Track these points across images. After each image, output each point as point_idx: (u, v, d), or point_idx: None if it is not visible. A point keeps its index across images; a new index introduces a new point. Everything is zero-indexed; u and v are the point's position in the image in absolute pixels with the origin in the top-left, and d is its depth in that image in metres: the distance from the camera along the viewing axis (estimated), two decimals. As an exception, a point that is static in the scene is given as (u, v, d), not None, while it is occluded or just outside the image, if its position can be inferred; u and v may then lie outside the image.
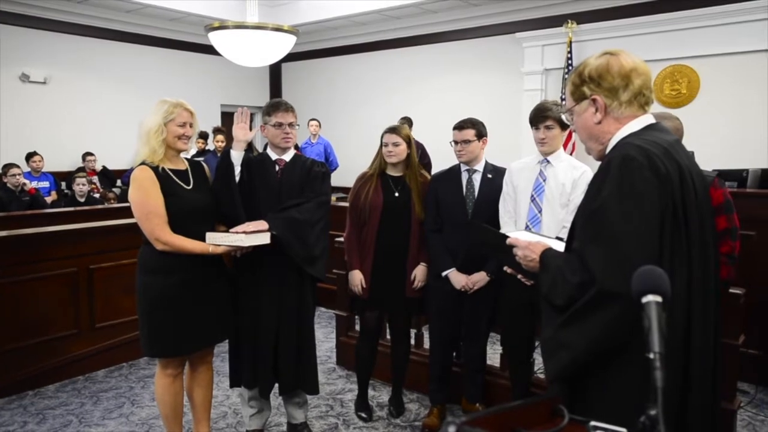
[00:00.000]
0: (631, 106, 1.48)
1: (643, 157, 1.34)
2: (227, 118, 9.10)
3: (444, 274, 2.98)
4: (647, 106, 1.51)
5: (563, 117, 2.66)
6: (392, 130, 3.03)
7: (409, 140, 3.04)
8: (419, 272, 3.05)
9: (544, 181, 2.76)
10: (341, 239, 3.22)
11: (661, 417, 0.88)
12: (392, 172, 3.08)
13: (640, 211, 1.31)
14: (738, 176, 4.10)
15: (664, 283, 1.03)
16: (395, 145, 3.00)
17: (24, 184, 6.26)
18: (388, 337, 3.46)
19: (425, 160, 6.97)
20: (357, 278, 3.05)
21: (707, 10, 5.98)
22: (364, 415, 3.27)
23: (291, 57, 7.42)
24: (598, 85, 1.49)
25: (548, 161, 2.77)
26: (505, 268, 1.79)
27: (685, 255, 1.36)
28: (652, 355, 0.94)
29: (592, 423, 0.94)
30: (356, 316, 3.55)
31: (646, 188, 1.32)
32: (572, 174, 2.71)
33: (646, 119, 1.50)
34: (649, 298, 1.01)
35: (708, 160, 1.53)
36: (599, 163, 1.47)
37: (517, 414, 1.04)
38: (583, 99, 1.52)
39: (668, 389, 0.91)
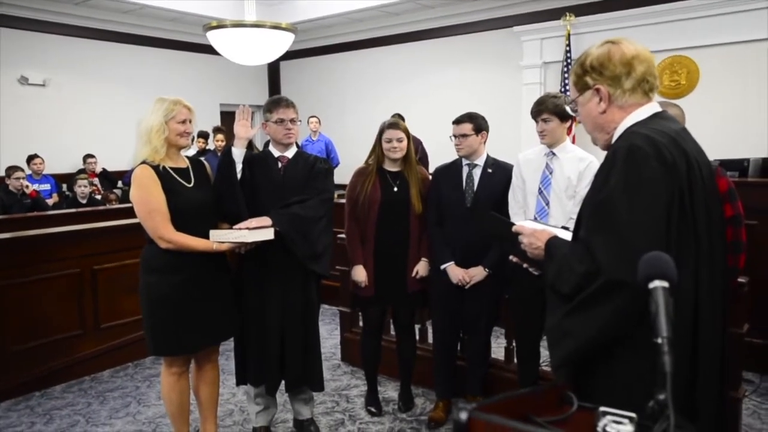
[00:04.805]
0: (635, 94, 1.47)
1: (650, 147, 1.33)
2: (227, 117, 9.10)
3: (443, 267, 2.99)
4: (651, 92, 1.50)
5: (567, 108, 2.65)
6: (394, 125, 3.02)
7: (408, 134, 3.04)
8: (421, 267, 3.06)
9: (551, 173, 2.75)
10: (344, 236, 3.22)
11: (671, 401, 0.88)
12: (390, 167, 3.07)
13: (647, 200, 1.31)
14: (739, 166, 4.11)
15: (670, 268, 1.03)
16: (399, 140, 2.99)
17: (26, 186, 6.27)
18: (393, 332, 3.47)
19: (421, 156, 6.96)
20: (361, 273, 3.06)
21: (706, 0, 5.96)
22: (373, 409, 3.27)
23: (289, 55, 7.40)
24: (601, 74, 1.48)
25: (554, 153, 2.77)
26: (510, 257, 1.77)
27: (692, 244, 1.35)
28: (659, 340, 0.94)
29: (602, 409, 0.94)
30: (359, 313, 3.55)
31: (653, 178, 1.31)
32: (578, 166, 2.71)
33: (651, 107, 1.48)
34: (656, 283, 1.01)
35: (708, 150, 1.53)
36: (605, 153, 1.47)
37: (527, 401, 1.04)
38: (587, 89, 1.51)
39: (676, 377, 0.91)
